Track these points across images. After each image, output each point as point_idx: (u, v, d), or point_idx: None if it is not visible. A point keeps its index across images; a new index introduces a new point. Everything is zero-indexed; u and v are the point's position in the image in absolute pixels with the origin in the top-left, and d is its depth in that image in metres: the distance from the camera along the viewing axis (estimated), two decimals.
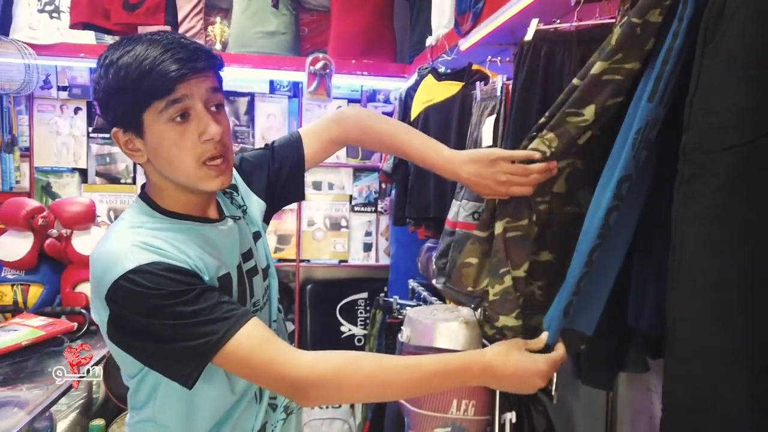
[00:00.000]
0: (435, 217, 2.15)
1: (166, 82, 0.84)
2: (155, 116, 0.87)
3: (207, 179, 0.91)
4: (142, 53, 0.84)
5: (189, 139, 0.88)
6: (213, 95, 0.91)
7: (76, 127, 2.76)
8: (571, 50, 1.33)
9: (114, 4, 2.16)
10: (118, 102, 0.87)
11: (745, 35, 0.75)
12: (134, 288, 0.81)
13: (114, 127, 0.91)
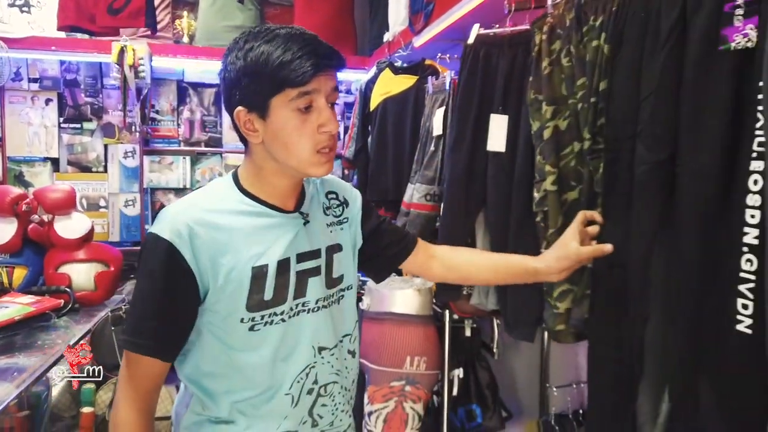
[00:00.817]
0: (393, 200, 2.33)
1: (303, 74, 0.90)
2: (284, 103, 0.93)
3: (318, 165, 0.97)
4: (283, 44, 0.90)
5: (309, 128, 0.94)
6: (334, 93, 0.97)
7: (47, 117, 2.85)
8: (504, 52, 1.53)
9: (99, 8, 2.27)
10: (251, 83, 0.93)
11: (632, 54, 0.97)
12: (144, 246, 0.96)
13: (239, 106, 0.96)
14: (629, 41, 0.98)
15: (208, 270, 0.95)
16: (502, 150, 1.52)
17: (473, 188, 1.62)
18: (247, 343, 0.99)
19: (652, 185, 0.92)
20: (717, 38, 0.83)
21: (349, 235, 1.15)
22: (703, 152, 0.84)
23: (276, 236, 1.02)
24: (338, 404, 1.10)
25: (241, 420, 1.02)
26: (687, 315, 0.87)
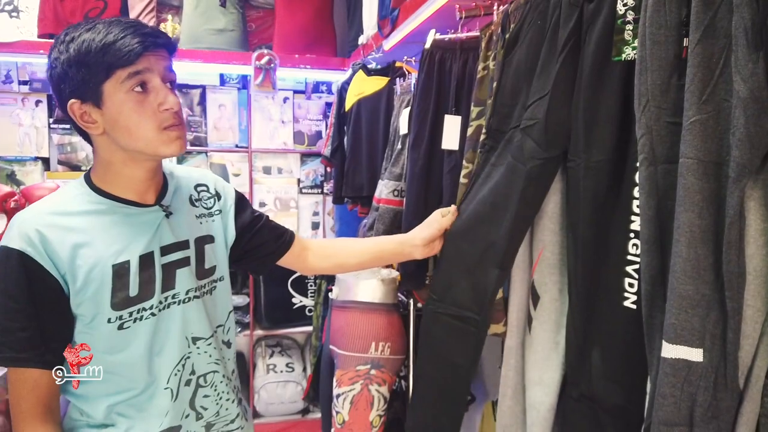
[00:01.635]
0: (368, 196, 2.44)
1: (129, 53, 0.90)
2: (116, 86, 0.91)
3: (168, 143, 0.96)
4: (104, 29, 0.91)
5: (149, 108, 0.93)
6: (169, 73, 0.97)
7: (37, 118, 2.95)
8: (457, 56, 1.64)
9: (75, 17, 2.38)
10: (78, 73, 0.90)
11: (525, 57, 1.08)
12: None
13: (71, 99, 0.94)
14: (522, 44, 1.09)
15: (67, 273, 0.93)
16: (456, 148, 1.63)
17: (431, 184, 1.73)
18: (119, 343, 0.97)
19: (542, 178, 1.03)
20: (610, 49, 0.94)
21: (221, 227, 1.16)
22: (597, 150, 0.95)
23: (135, 231, 1.00)
24: (221, 393, 1.10)
25: (120, 422, 1.00)
26: (581, 293, 0.98)
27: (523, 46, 1.08)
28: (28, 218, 0.94)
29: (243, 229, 1.21)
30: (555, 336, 1.05)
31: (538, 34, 1.06)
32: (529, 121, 1.06)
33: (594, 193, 0.95)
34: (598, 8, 0.96)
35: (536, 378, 1.07)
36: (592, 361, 0.96)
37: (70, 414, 1.04)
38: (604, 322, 0.94)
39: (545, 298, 1.07)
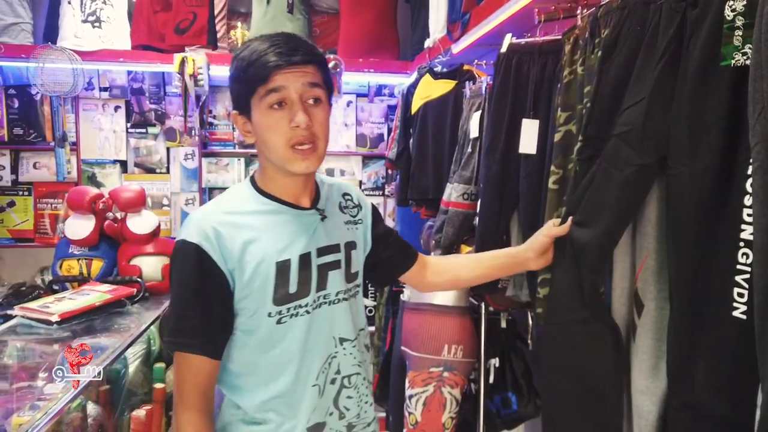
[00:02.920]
0: (433, 198, 2.45)
1: (264, 71, 0.97)
2: (258, 102, 0.99)
3: (294, 161, 1.00)
4: (255, 47, 0.99)
5: (282, 124, 0.99)
6: (310, 89, 1.00)
7: (116, 123, 3.11)
8: (535, 60, 1.64)
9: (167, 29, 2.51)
10: (235, 88, 1.03)
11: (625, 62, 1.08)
12: (174, 254, 1.01)
13: (234, 110, 1.06)
14: (621, 51, 1.08)
15: (236, 268, 0.99)
16: (533, 152, 1.62)
17: (507, 188, 1.73)
18: (276, 337, 1.03)
19: (639, 184, 1.02)
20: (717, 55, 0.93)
21: (362, 236, 1.21)
22: (703, 158, 0.94)
23: (296, 232, 1.06)
24: (362, 396, 1.14)
25: (272, 418, 1.04)
26: (684, 301, 0.96)
27: (623, 53, 1.08)
28: (206, 215, 1.02)
29: (377, 239, 1.24)
30: (661, 345, 1.04)
31: (638, 41, 1.05)
32: (624, 126, 1.06)
33: (700, 201, 0.93)
34: (703, 14, 0.95)
35: (642, 387, 1.06)
36: (697, 370, 0.94)
37: (224, 408, 1.09)
38: (711, 331, 0.92)
39: (650, 306, 1.06)
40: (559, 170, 1.40)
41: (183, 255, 1.00)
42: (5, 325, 1.77)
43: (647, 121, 1.03)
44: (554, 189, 1.41)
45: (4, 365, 1.59)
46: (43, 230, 3.10)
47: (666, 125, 1.01)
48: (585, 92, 1.26)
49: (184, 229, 1.02)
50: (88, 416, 1.54)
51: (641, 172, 1.05)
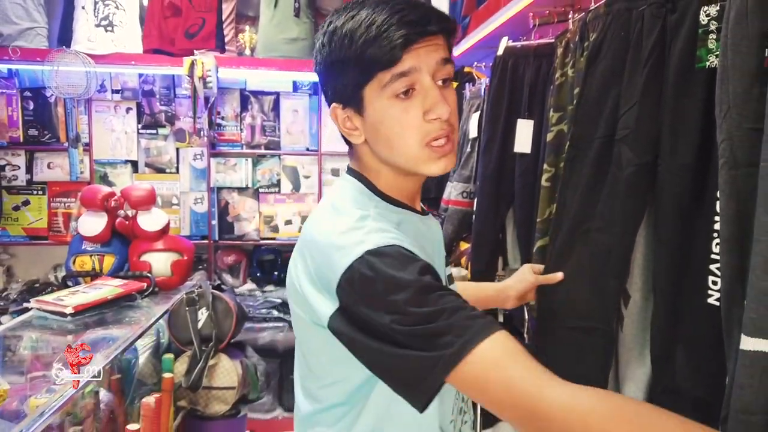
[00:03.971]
0: (435, 197, 2.52)
1: (391, 51, 0.73)
2: (378, 91, 0.76)
3: (429, 162, 0.79)
4: (367, 18, 0.74)
5: (413, 116, 0.76)
6: (443, 67, 0.77)
7: (127, 124, 3.20)
8: (530, 62, 1.70)
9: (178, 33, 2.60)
10: (339, 74, 0.78)
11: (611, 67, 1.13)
12: (371, 273, 0.67)
13: (333, 103, 0.82)
14: (606, 55, 1.14)
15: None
16: (528, 151, 1.68)
17: (503, 187, 1.79)
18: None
19: (639, 183, 1.07)
20: (694, 58, 0.98)
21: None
22: (682, 155, 0.99)
23: (434, 243, 0.89)
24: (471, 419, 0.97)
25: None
26: (666, 291, 1.02)
27: (608, 57, 1.13)
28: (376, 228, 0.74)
29: None
30: (646, 334, 1.09)
31: (622, 45, 1.11)
32: (623, 131, 1.11)
33: (679, 196, 0.99)
34: (681, 19, 1.00)
35: (630, 374, 1.11)
36: (677, 357, 1.00)
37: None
38: (689, 318, 0.98)
39: (636, 297, 1.11)
40: (551, 168, 1.46)
41: (392, 255, 0.69)
42: (21, 317, 1.85)
43: (639, 124, 1.08)
44: (547, 186, 1.46)
45: (21, 355, 1.67)
46: (56, 228, 3.19)
47: (657, 126, 1.06)
48: (575, 94, 1.32)
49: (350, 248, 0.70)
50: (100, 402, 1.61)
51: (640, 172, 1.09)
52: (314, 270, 0.75)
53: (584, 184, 1.20)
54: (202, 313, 2.07)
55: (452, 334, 0.63)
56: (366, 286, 0.68)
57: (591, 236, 1.18)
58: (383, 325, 0.66)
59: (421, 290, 0.66)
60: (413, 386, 0.65)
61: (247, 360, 2.25)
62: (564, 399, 0.60)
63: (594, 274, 1.17)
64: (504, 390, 0.62)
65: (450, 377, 0.63)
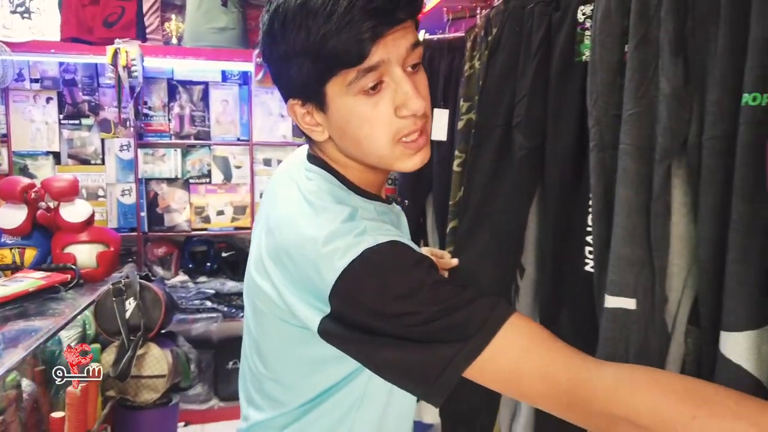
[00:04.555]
0: None
1: (359, 46, 0.64)
2: (343, 88, 0.68)
3: (403, 158, 0.73)
4: (324, 4, 0.64)
5: (383, 112, 0.69)
6: (412, 52, 0.69)
7: (48, 114, 3.10)
8: (444, 55, 1.80)
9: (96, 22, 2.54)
10: (296, 68, 0.69)
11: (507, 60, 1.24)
12: (372, 273, 0.63)
13: (290, 99, 0.74)
14: (504, 49, 1.24)
15: None
16: (444, 139, 1.78)
17: (422, 172, 1.87)
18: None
19: (529, 165, 1.19)
20: (573, 51, 1.10)
21: None
22: (563, 139, 1.11)
23: (403, 230, 0.87)
24: None
25: None
26: (551, 261, 1.14)
27: (505, 51, 1.24)
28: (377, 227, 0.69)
29: None
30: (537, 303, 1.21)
31: (517, 40, 1.21)
32: (517, 118, 1.22)
33: (561, 176, 1.10)
34: (563, 17, 1.12)
35: None
36: (561, 320, 1.12)
37: None
38: (570, 284, 1.10)
39: (530, 269, 1.23)
40: (461, 154, 1.56)
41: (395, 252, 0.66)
42: None
43: (529, 111, 1.19)
44: (458, 171, 1.57)
45: None
46: None
47: (543, 113, 1.18)
48: (480, 84, 1.43)
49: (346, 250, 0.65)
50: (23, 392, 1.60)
51: (530, 155, 1.21)
52: (299, 276, 0.68)
53: (488, 168, 1.31)
54: (129, 303, 2.07)
55: (470, 323, 0.61)
56: (370, 287, 0.63)
57: (494, 217, 1.29)
58: (392, 324, 0.62)
59: (432, 286, 0.63)
60: (429, 383, 0.62)
61: (177, 349, 2.26)
62: (608, 381, 0.57)
63: (496, 251, 1.29)
64: (539, 379, 0.60)
65: (473, 369, 0.61)
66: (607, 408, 0.57)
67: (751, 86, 0.70)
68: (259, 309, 0.76)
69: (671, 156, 0.84)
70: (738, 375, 0.73)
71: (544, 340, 0.62)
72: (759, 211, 0.70)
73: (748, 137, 0.70)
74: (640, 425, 0.55)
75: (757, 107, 0.68)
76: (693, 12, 0.81)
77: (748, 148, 0.70)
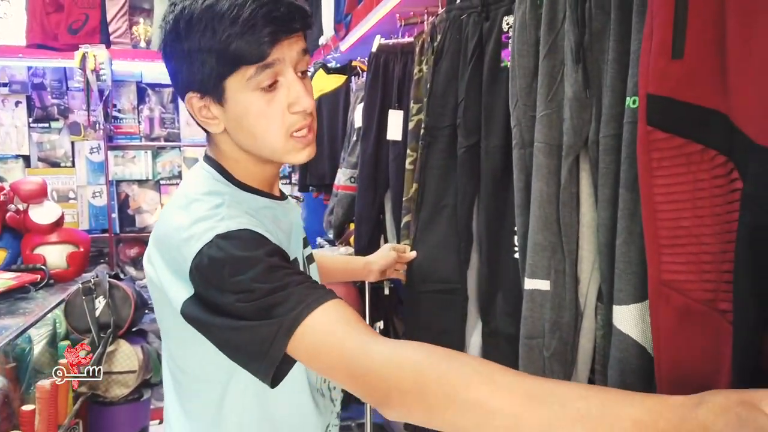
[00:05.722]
0: (329, 184, 2.67)
1: (260, 47, 0.73)
2: (242, 83, 0.76)
3: (294, 151, 0.81)
4: (230, 9, 0.72)
5: (277, 109, 0.77)
6: (302, 58, 0.79)
7: (17, 118, 3.13)
8: (398, 59, 1.89)
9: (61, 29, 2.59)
10: (198, 64, 0.75)
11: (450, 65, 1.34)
12: (220, 255, 0.70)
13: (189, 92, 0.79)
14: (447, 55, 1.34)
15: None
16: (399, 139, 1.88)
17: (379, 171, 1.97)
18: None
19: (468, 161, 1.29)
20: (500, 59, 1.20)
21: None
22: (493, 137, 1.21)
23: (291, 226, 0.92)
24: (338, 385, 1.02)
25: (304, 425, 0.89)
26: (485, 250, 1.24)
27: (448, 56, 1.33)
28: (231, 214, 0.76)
29: None
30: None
31: (457, 47, 1.31)
32: (458, 119, 1.32)
33: (493, 171, 1.20)
34: (491, 26, 1.22)
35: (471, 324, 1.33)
36: (496, 303, 1.22)
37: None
38: (502, 270, 1.20)
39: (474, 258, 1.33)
40: (413, 153, 1.66)
41: (245, 238, 0.72)
42: None
43: (466, 113, 1.29)
44: (410, 169, 1.66)
45: None
46: None
47: (478, 115, 1.28)
48: (428, 88, 1.52)
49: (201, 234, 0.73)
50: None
51: (468, 152, 1.31)
52: (170, 260, 0.76)
53: (438, 166, 1.40)
54: (99, 302, 2.13)
55: (290, 303, 0.66)
56: (214, 268, 0.70)
57: (447, 211, 1.39)
58: (230, 303, 0.68)
59: (267, 269, 0.69)
60: (259, 359, 0.67)
61: (148, 345, 2.32)
62: (385, 352, 0.62)
63: (450, 242, 1.39)
64: (337, 353, 0.64)
65: (291, 346, 0.66)
66: (380, 377, 0.61)
67: (632, 91, 0.80)
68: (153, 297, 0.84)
69: (575, 152, 0.94)
70: (627, 344, 0.83)
71: (348, 323, 0.66)
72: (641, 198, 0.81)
73: (629, 135, 0.80)
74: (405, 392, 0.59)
75: (636, 109, 0.79)
76: (590, 26, 0.91)
77: (629, 144, 0.80)
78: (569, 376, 1.00)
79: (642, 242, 0.80)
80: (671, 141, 0.71)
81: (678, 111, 0.70)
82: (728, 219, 0.66)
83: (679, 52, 0.69)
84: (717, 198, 0.68)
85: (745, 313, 0.59)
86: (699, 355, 0.67)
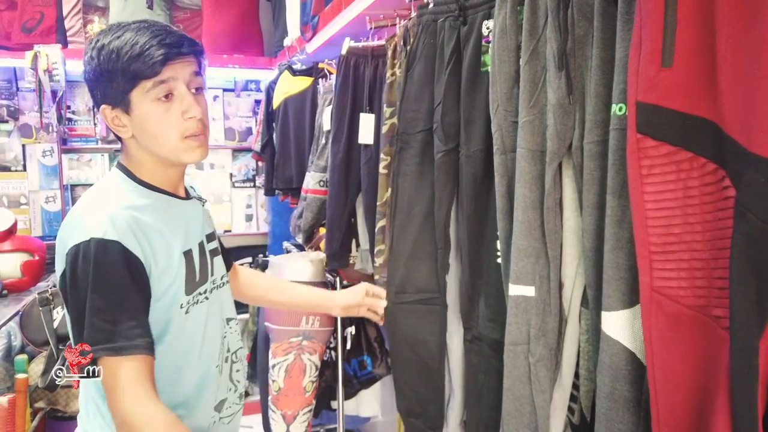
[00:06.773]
0: (297, 188, 2.63)
1: (153, 65, 0.93)
2: (142, 95, 0.96)
3: (189, 151, 1.00)
4: (132, 38, 0.94)
5: (173, 116, 0.97)
6: (194, 78, 1.00)
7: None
8: (369, 61, 1.87)
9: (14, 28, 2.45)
10: (108, 82, 0.96)
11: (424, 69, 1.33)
12: (84, 261, 0.90)
13: (103, 104, 0.99)
14: (420, 59, 1.33)
15: (152, 265, 0.97)
16: (371, 142, 1.86)
17: (351, 175, 1.95)
18: (182, 328, 1.02)
19: (446, 166, 1.28)
20: (479, 63, 1.20)
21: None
22: (474, 142, 1.21)
23: (187, 221, 1.08)
24: (245, 366, 1.23)
25: (182, 414, 1.02)
26: (467, 255, 1.23)
27: (421, 60, 1.32)
28: (113, 212, 0.95)
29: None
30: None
31: (432, 50, 1.30)
32: (435, 123, 1.31)
33: (474, 176, 1.20)
34: (470, 31, 1.21)
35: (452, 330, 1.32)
36: (479, 308, 1.21)
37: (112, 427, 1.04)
38: (485, 276, 1.20)
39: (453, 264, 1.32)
40: (387, 157, 1.64)
41: (104, 253, 0.91)
42: None
43: (444, 117, 1.28)
44: (384, 173, 1.65)
45: None
46: None
47: (457, 119, 1.27)
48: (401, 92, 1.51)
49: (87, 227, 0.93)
50: None
51: (446, 157, 1.30)
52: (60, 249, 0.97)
53: (412, 171, 1.39)
54: (57, 312, 2.03)
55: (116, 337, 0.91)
56: (78, 264, 0.91)
57: (422, 217, 1.37)
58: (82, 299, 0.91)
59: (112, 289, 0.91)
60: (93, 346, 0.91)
61: None
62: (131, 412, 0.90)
63: (426, 250, 1.37)
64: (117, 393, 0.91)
65: (102, 360, 0.91)
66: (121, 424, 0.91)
67: (617, 98, 0.81)
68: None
69: (559, 158, 0.95)
70: (617, 349, 0.84)
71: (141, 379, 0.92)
72: (628, 205, 0.81)
73: (616, 142, 0.81)
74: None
75: (623, 116, 0.79)
76: (573, 33, 0.91)
77: (616, 151, 0.80)
78: (554, 381, 1.01)
79: (630, 248, 0.80)
80: (661, 149, 0.72)
81: (668, 119, 0.71)
82: (720, 226, 0.67)
83: (669, 61, 0.69)
84: (707, 205, 0.69)
85: (743, 319, 0.60)
86: (693, 362, 0.68)
